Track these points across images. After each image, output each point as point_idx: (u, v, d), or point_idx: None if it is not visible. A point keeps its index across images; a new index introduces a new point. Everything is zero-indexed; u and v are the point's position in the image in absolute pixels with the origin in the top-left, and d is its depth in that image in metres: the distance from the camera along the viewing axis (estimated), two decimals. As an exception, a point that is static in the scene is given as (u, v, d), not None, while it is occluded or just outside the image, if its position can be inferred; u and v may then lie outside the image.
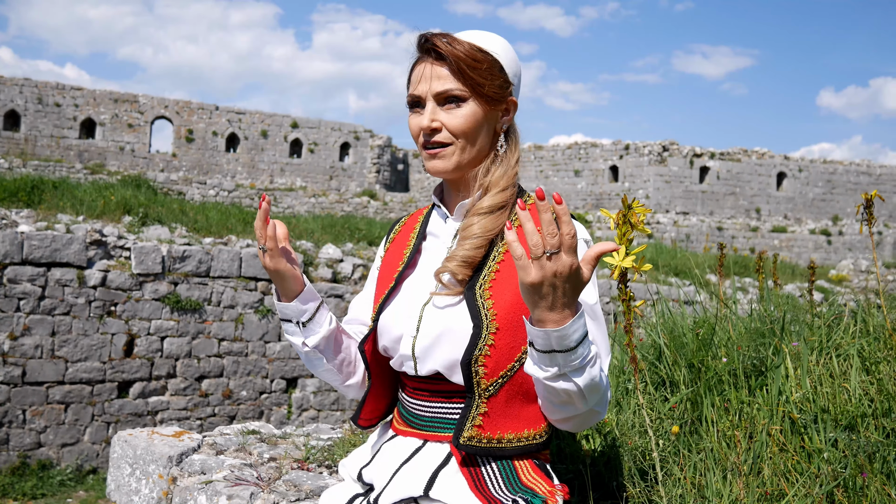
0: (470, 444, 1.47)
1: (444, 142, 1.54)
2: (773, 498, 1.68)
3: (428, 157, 1.56)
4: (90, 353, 8.34)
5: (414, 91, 1.56)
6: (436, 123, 1.53)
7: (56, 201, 9.68)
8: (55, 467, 8.10)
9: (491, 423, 1.48)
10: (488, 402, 1.48)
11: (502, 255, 1.54)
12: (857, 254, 25.10)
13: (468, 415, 1.47)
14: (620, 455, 2.03)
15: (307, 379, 9.74)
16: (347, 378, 1.71)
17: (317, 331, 1.62)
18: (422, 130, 1.54)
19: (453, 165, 1.55)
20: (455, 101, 1.52)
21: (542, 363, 1.29)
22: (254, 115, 29.42)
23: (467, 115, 1.52)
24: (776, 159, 29.92)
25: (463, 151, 1.54)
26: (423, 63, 1.55)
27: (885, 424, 1.85)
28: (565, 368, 1.28)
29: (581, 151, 30.14)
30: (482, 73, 1.52)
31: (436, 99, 1.53)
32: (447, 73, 1.52)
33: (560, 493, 1.47)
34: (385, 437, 1.67)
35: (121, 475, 2.51)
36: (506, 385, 1.48)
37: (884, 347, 2.22)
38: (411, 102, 1.58)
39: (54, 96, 26.30)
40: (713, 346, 2.40)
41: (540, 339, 1.26)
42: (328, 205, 22.39)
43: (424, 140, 1.55)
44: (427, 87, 1.53)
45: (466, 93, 1.52)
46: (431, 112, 1.53)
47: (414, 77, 1.57)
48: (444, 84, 1.52)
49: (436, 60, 1.53)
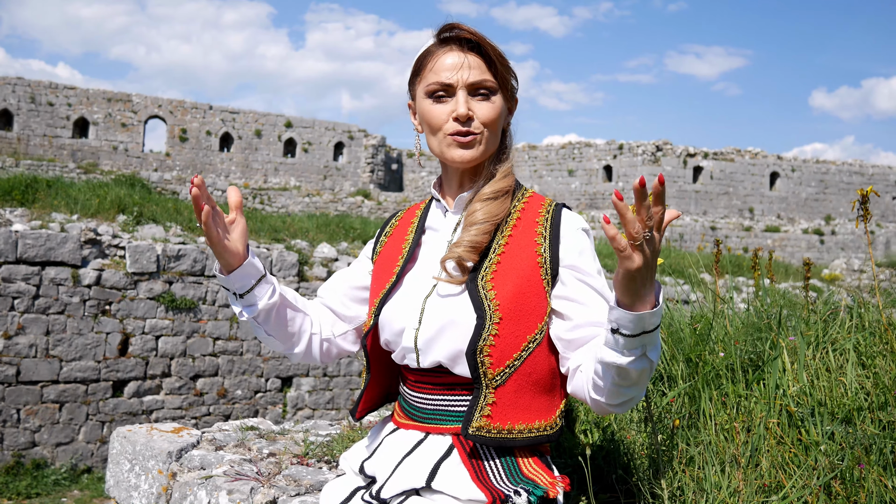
0: (479, 434, 1.47)
1: (474, 131, 1.55)
2: (771, 490, 1.69)
3: (457, 145, 1.55)
4: (85, 352, 8.33)
5: (441, 79, 1.55)
6: (471, 111, 1.54)
7: (50, 200, 9.65)
8: (49, 467, 8.08)
9: (500, 413, 1.49)
10: (496, 393, 1.48)
11: (503, 246, 1.55)
12: (850, 253, 25.21)
13: (476, 405, 1.48)
14: (619, 449, 2.05)
15: (302, 378, 9.74)
16: (290, 348, 1.74)
17: (254, 303, 1.64)
18: (456, 118, 1.54)
19: (480, 154, 1.57)
20: (486, 92, 1.55)
21: (628, 348, 1.30)
22: (248, 114, 29.37)
23: (496, 108, 1.56)
24: (769, 159, 30.02)
25: (488, 142, 1.57)
26: (451, 52, 1.56)
27: (881, 417, 1.87)
28: (648, 347, 1.30)
29: (575, 151, 30.19)
30: (507, 69, 1.58)
31: (468, 88, 1.54)
32: (481, 64, 1.54)
33: (561, 485, 1.48)
34: (386, 431, 1.68)
35: (120, 471, 2.51)
36: (513, 375, 1.49)
37: (879, 342, 2.24)
38: (436, 90, 1.56)
39: (47, 95, 26.20)
40: (710, 341, 2.42)
41: (632, 323, 1.27)
42: (322, 204, 22.37)
43: (457, 128, 1.55)
44: (459, 75, 1.53)
45: (496, 86, 1.56)
46: (466, 101, 1.54)
47: (439, 65, 1.56)
48: (479, 74, 1.54)
49: (468, 50, 1.54)
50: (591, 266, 1.54)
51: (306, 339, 1.74)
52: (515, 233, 1.57)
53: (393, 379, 1.75)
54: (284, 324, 1.71)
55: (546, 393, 1.53)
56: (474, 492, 1.45)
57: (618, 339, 1.30)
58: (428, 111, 1.58)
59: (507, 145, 1.64)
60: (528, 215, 1.59)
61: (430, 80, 1.56)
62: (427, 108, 1.58)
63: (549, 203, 1.61)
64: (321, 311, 1.79)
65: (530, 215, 1.59)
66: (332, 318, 1.79)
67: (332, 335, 1.78)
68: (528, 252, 1.54)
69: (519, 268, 1.52)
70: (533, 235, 1.55)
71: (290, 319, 1.71)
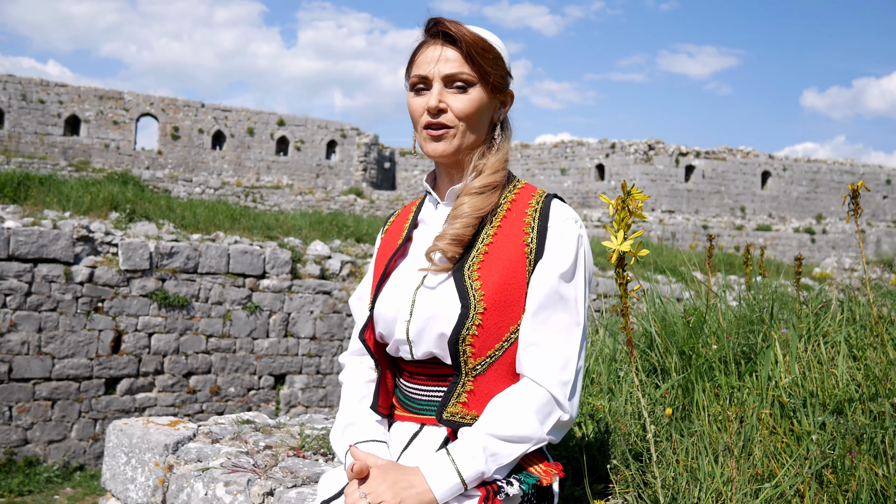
0: (453, 419, 1.50)
1: (447, 124, 1.55)
2: (763, 478, 1.72)
3: (429, 138, 1.57)
4: (77, 349, 8.31)
5: (420, 71, 1.57)
6: (443, 104, 1.55)
7: (42, 197, 9.62)
8: (42, 464, 8.06)
9: (476, 401, 1.51)
10: (475, 381, 1.50)
11: (491, 237, 1.56)
12: (841, 252, 25.33)
13: (454, 391, 1.51)
14: (613, 440, 2.07)
15: (295, 375, 9.74)
16: None
17: None
18: (427, 110, 1.55)
19: (454, 148, 1.57)
20: (462, 85, 1.55)
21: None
22: (240, 112, 29.31)
23: (473, 100, 1.55)
24: (761, 158, 30.14)
25: (464, 135, 1.57)
26: (431, 45, 1.57)
27: (872, 408, 1.90)
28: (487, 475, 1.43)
29: (567, 150, 30.24)
30: (489, 62, 1.55)
31: (443, 81, 1.55)
32: (457, 57, 1.54)
33: (554, 472, 1.50)
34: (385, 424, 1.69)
35: (116, 464, 2.51)
36: (493, 365, 1.51)
37: (870, 335, 2.27)
38: (416, 83, 1.58)
39: (38, 93, 26.09)
40: (703, 334, 2.44)
41: None
42: (315, 202, 22.35)
43: (428, 120, 1.56)
44: (436, 68, 1.55)
45: (474, 78, 1.55)
46: (438, 93, 1.55)
47: (420, 58, 1.58)
48: (453, 67, 1.54)
49: (446, 43, 1.55)
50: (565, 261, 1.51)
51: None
52: (504, 224, 1.57)
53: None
54: None
55: None
56: (468, 484, 1.46)
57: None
58: (409, 104, 1.60)
59: (496, 139, 1.63)
60: (518, 206, 1.59)
61: (412, 73, 1.59)
62: (409, 101, 1.61)
63: (539, 193, 1.61)
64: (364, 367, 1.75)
65: (520, 206, 1.59)
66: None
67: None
68: (515, 243, 1.54)
69: (505, 259, 1.53)
70: (521, 226, 1.56)
71: None
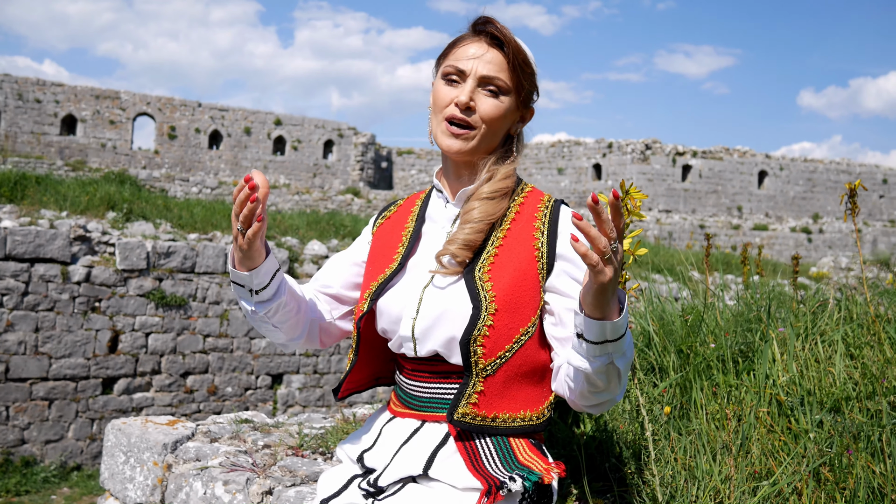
0: (463, 420, 1.50)
1: (471, 123, 1.56)
2: (761, 476, 1.72)
3: (449, 133, 1.57)
4: (74, 349, 8.30)
5: (459, 64, 1.57)
6: (472, 102, 1.55)
7: (39, 197, 9.61)
8: (39, 464, 8.05)
9: (486, 402, 1.51)
10: (485, 382, 1.51)
11: (501, 239, 1.58)
12: (837, 251, 25.38)
13: (464, 392, 1.51)
14: (612, 438, 2.07)
15: (292, 375, 9.74)
16: (294, 337, 1.72)
17: (268, 298, 1.60)
18: (456, 103, 1.56)
19: (470, 149, 1.58)
20: (496, 90, 1.56)
21: (593, 354, 1.33)
22: (237, 112, 29.28)
23: (501, 107, 1.57)
24: (758, 158, 30.19)
25: (484, 139, 1.58)
26: (475, 42, 1.58)
27: (869, 406, 1.90)
28: (614, 356, 1.33)
29: (564, 150, 30.26)
30: (526, 76, 1.58)
31: (479, 80, 1.56)
32: (500, 61, 1.56)
33: (556, 471, 1.50)
34: (383, 420, 1.70)
35: (115, 463, 2.51)
36: (504, 366, 1.51)
37: (867, 333, 2.28)
38: (450, 73, 1.59)
39: (35, 92, 26.04)
40: (701, 333, 2.45)
41: (595, 330, 1.30)
42: (312, 202, 22.34)
43: (452, 113, 1.57)
44: (476, 65, 1.55)
45: (509, 87, 1.57)
46: (471, 90, 1.55)
47: (461, 51, 1.58)
48: (493, 70, 1.55)
49: (492, 45, 1.56)
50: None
51: (308, 327, 1.73)
52: (514, 227, 1.59)
53: (380, 365, 1.77)
54: (290, 314, 1.68)
55: (535, 385, 1.56)
56: (470, 479, 1.47)
57: (582, 344, 1.34)
58: (437, 90, 1.61)
59: (513, 150, 1.65)
60: (526, 210, 1.62)
61: (449, 63, 1.59)
62: (438, 87, 1.61)
63: (547, 199, 1.64)
64: (319, 296, 1.78)
65: (529, 210, 1.62)
66: (331, 301, 1.78)
67: (332, 318, 1.78)
68: (525, 246, 1.56)
69: (516, 260, 1.55)
70: (531, 230, 1.58)
71: (294, 310, 1.69)
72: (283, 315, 1.66)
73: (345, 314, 1.79)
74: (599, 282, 1.25)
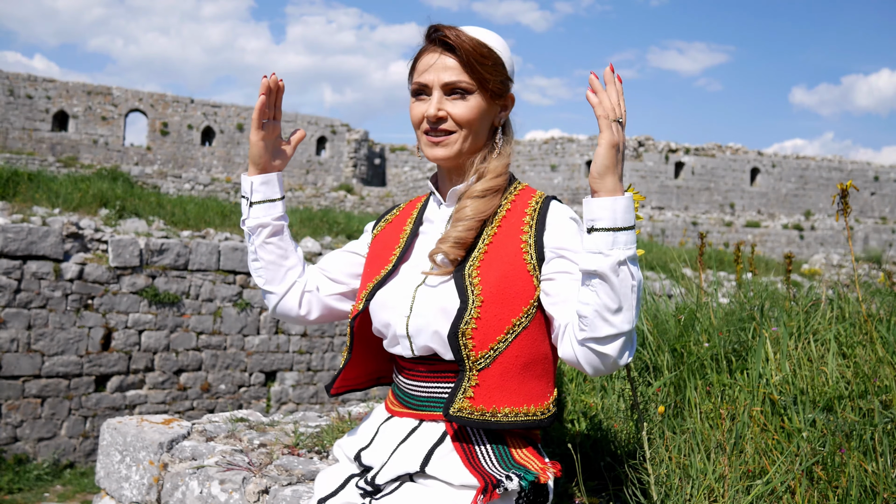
0: (460, 415, 1.50)
1: (448, 129, 1.59)
2: (755, 475, 1.74)
3: (430, 144, 1.61)
4: (67, 346, 8.28)
5: (420, 79, 1.61)
6: (442, 112, 1.58)
7: (31, 193, 9.57)
8: (32, 462, 8.03)
9: (484, 396, 1.52)
10: (480, 375, 1.52)
11: (491, 237, 1.59)
12: (829, 248, 25.49)
13: (460, 387, 1.52)
14: (606, 437, 2.09)
15: (286, 372, 9.74)
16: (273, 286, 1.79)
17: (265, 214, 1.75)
18: (426, 118, 1.60)
19: (453, 153, 1.61)
20: (461, 92, 1.58)
21: (607, 246, 1.35)
22: (229, 108, 29.21)
23: (472, 107, 1.59)
24: (750, 155, 30.28)
25: (465, 141, 1.60)
26: (430, 52, 1.60)
27: (861, 405, 1.92)
28: (626, 251, 1.35)
29: (557, 146, 30.27)
30: (488, 69, 1.58)
31: (443, 89, 1.58)
32: (456, 65, 1.57)
33: (552, 470, 1.52)
34: (380, 419, 1.71)
35: (110, 462, 2.52)
36: (499, 358, 1.51)
37: (859, 332, 2.30)
38: (416, 90, 1.62)
39: (26, 88, 25.93)
40: (695, 332, 2.47)
41: (607, 209, 1.35)
42: (305, 199, 22.31)
43: (427, 127, 1.60)
44: (435, 76, 1.58)
45: (473, 86, 1.58)
46: (438, 101, 1.58)
47: (421, 65, 1.61)
48: (452, 75, 1.57)
49: (445, 51, 1.58)
50: (577, 246, 1.54)
51: (290, 283, 1.79)
52: (504, 224, 1.61)
53: (374, 364, 1.79)
54: (278, 257, 1.77)
55: (537, 378, 1.56)
56: (467, 477, 1.48)
57: (595, 239, 1.36)
58: (411, 109, 1.65)
59: (497, 143, 1.66)
60: (517, 207, 1.63)
61: (414, 80, 1.63)
62: (411, 106, 1.65)
63: (539, 195, 1.65)
64: (315, 272, 1.85)
65: (520, 207, 1.63)
66: (325, 279, 1.83)
67: (315, 289, 1.82)
68: (513, 240, 1.58)
69: (504, 255, 1.56)
70: (520, 225, 1.59)
71: (283, 256, 1.78)
72: (271, 253, 1.77)
73: (336, 293, 1.83)
74: (607, 139, 1.34)
